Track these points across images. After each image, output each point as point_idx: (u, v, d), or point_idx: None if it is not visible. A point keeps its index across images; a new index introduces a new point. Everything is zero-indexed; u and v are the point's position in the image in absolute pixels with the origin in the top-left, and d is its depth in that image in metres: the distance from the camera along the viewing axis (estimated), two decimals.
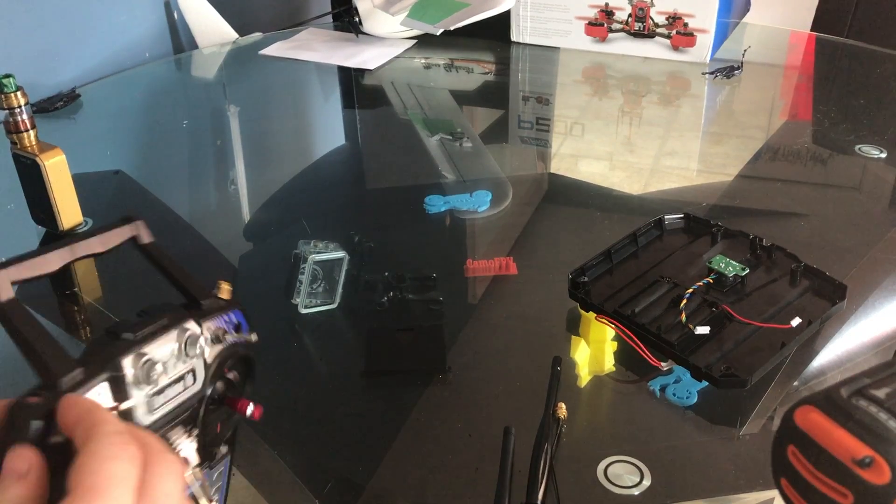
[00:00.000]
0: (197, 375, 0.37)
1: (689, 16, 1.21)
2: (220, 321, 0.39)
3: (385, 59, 1.27)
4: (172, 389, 0.36)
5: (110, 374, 0.33)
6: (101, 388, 0.33)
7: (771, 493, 0.51)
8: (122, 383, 0.34)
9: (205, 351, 0.38)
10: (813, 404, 0.33)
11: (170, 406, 0.36)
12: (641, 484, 0.52)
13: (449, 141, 1.02)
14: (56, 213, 0.78)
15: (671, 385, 0.59)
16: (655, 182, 0.94)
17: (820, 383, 0.61)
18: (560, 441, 0.55)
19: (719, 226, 0.71)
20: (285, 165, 1.02)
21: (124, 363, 0.34)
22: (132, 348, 0.34)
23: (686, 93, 1.20)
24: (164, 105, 1.21)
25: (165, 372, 0.36)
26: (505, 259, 0.75)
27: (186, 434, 0.37)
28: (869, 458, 0.31)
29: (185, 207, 0.92)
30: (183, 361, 0.37)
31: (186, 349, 0.36)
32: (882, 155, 0.95)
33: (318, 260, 0.68)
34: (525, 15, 1.31)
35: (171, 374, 0.36)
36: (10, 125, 0.75)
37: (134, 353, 0.34)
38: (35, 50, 1.14)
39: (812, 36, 1.42)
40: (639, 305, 0.62)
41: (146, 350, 0.35)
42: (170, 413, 0.36)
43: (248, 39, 1.39)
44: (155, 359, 0.35)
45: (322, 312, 0.69)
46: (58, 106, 1.11)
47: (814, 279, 0.65)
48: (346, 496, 0.53)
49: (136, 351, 0.34)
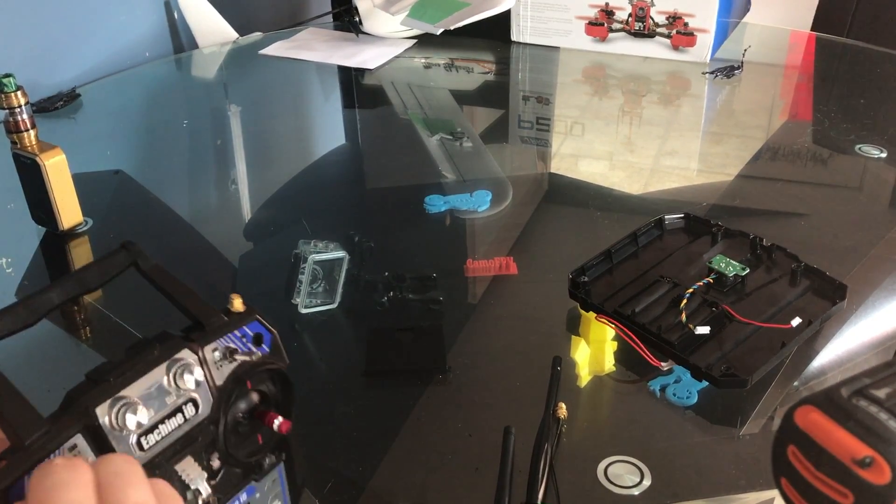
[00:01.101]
0: (201, 403, 0.36)
1: (689, 15, 1.21)
2: (231, 339, 0.38)
3: (385, 59, 1.27)
4: (167, 424, 0.35)
5: (84, 424, 0.32)
6: (76, 440, 0.32)
7: (771, 493, 0.51)
8: (100, 432, 0.33)
9: (210, 375, 0.36)
10: (813, 404, 0.33)
11: (168, 440, 0.35)
12: (641, 484, 0.52)
13: (449, 141, 1.02)
14: (56, 213, 0.78)
15: (671, 385, 0.59)
16: (655, 182, 0.94)
17: (820, 383, 0.61)
18: (560, 441, 0.55)
19: (719, 226, 0.71)
20: (285, 165, 1.02)
21: (98, 411, 0.33)
22: (108, 393, 0.33)
23: (686, 93, 1.20)
24: (164, 105, 1.21)
25: (152, 410, 0.34)
26: (505, 259, 0.75)
27: (199, 462, 0.36)
28: (869, 458, 0.31)
29: (185, 207, 0.92)
30: (176, 394, 0.35)
31: (176, 381, 0.35)
32: (882, 155, 0.95)
33: (318, 260, 0.68)
34: (525, 15, 1.31)
35: (162, 410, 0.35)
36: (10, 125, 0.75)
37: (110, 399, 0.33)
38: (35, 50, 1.14)
39: (812, 36, 1.42)
40: (639, 305, 0.62)
41: (125, 393, 0.33)
42: (171, 447, 0.35)
43: (248, 39, 1.39)
44: (134, 400, 0.34)
45: (322, 312, 0.69)
46: (58, 106, 1.11)
47: (814, 279, 0.65)
48: (346, 496, 0.53)
49: (113, 395, 0.33)
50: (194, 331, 0.37)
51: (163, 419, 0.35)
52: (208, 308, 0.38)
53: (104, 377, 0.34)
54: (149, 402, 0.34)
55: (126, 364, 0.34)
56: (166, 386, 0.35)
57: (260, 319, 0.39)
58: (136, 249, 0.39)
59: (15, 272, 0.77)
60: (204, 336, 0.37)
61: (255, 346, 0.39)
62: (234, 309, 0.39)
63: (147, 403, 0.34)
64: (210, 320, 0.38)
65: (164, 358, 0.35)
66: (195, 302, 0.38)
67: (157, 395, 0.35)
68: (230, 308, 0.39)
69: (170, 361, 0.35)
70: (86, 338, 0.70)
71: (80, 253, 0.80)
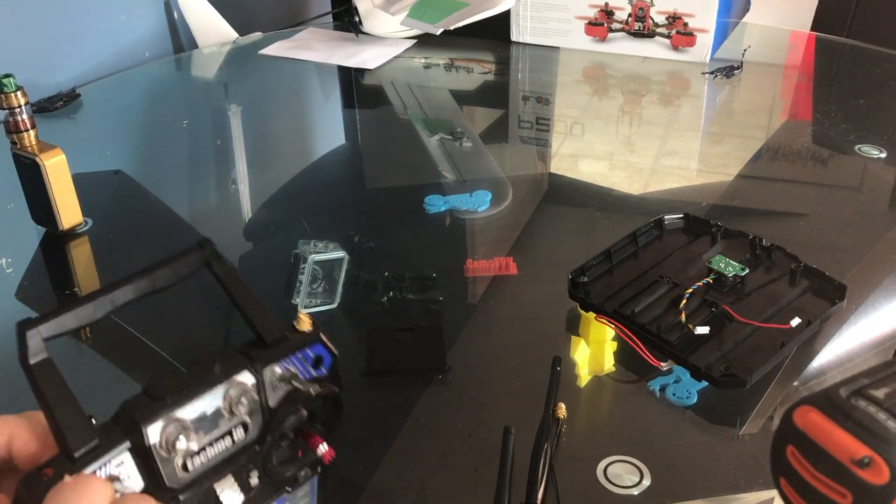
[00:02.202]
0: (251, 426, 0.35)
1: (689, 15, 1.21)
2: (292, 360, 0.36)
3: (385, 59, 1.27)
4: (215, 447, 0.34)
5: (132, 442, 0.32)
6: (122, 457, 0.32)
7: (770, 493, 0.51)
8: (148, 452, 0.32)
9: (265, 396, 0.35)
10: (812, 404, 0.33)
11: (213, 462, 0.34)
12: (641, 484, 0.52)
13: (449, 141, 1.02)
14: (56, 213, 0.78)
15: (671, 385, 0.59)
16: (655, 182, 0.94)
17: (819, 383, 0.61)
18: (560, 441, 0.55)
19: (719, 226, 0.71)
20: (285, 165, 1.02)
21: (150, 430, 0.32)
22: (163, 412, 0.32)
23: (686, 93, 1.20)
24: (164, 105, 1.21)
25: (202, 432, 0.33)
26: (505, 259, 0.75)
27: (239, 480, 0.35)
28: (868, 458, 0.31)
29: (185, 207, 0.92)
30: (229, 419, 0.34)
31: (232, 407, 0.34)
32: (882, 155, 0.95)
33: (318, 260, 0.68)
34: (525, 15, 1.31)
35: (212, 433, 0.34)
36: (10, 125, 0.75)
37: (163, 419, 0.32)
38: (35, 50, 1.14)
39: (812, 36, 1.42)
40: (639, 305, 0.62)
41: (179, 415, 0.33)
42: (214, 468, 0.34)
43: (248, 39, 1.39)
44: (187, 424, 0.33)
45: (322, 312, 0.69)
46: (58, 106, 1.11)
47: (813, 279, 0.65)
48: (346, 496, 0.53)
49: (168, 415, 0.32)
50: (255, 347, 0.36)
51: (212, 442, 0.34)
52: (274, 323, 0.37)
53: (161, 394, 0.33)
54: (201, 424, 0.34)
55: (184, 382, 0.33)
56: (222, 411, 0.34)
57: (324, 341, 0.38)
58: (211, 249, 0.37)
59: (15, 272, 0.77)
60: (265, 356, 0.36)
61: (314, 368, 0.38)
62: (300, 328, 0.37)
63: (199, 426, 0.33)
64: (274, 338, 0.36)
65: (224, 378, 0.34)
66: (262, 315, 0.37)
67: (211, 419, 0.34)
68: (296, 325, 0.37)
69: (229, 383, 0.34)
70: (85, 338, 0.70)
71: (79, 253, 0.80)
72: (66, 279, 0.77)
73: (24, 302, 0.72)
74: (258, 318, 0.37)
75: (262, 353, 0.36)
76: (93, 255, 0.80)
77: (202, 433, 0.34)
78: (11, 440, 0.33)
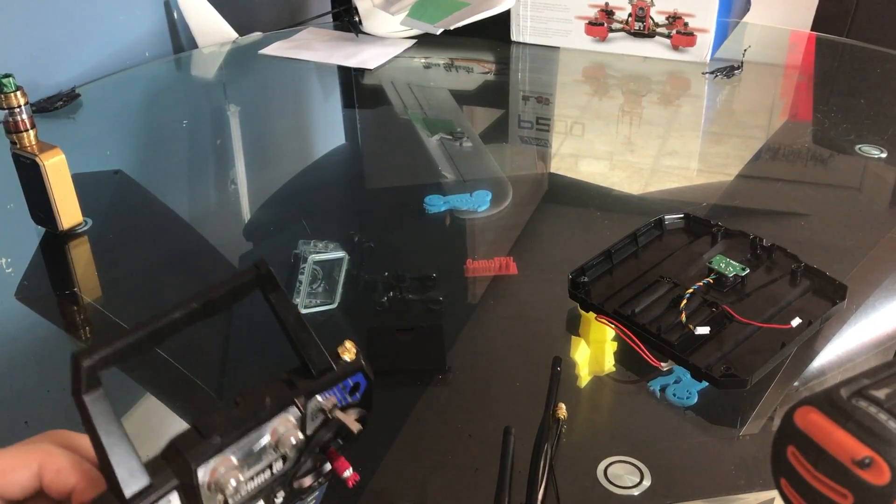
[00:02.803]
0: (289, 456, 0.35)
1: (689, 15, 1.21)
2: (335, 391, 0.37)
3: (385, 59, 1.27)
4: (255, 480, 0.34)
5: (182, 481, 0.32)
6: (170, 497, 0.32)
7: (771, 493, 0.51)
8: (195, 492, 0.32)
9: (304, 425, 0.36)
10: (813, 405, 0.33)
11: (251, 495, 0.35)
12: (641, 484, 0.52)
13: (449, 141, 1.02)
14: (56, 213, 0.78)
15: (671, 385, 0.59)
16: (655, 182, 0.94)
17: (820, 383, 0.61)
18: (560, 441, 0.55)
19: (719, 226, 0.71)
20: (285, 165, 1.02)
21: (200, 471, 0.32)
22: (212, 452, 0.32)
23: (686, 92, 1.20)
24: (164, 105, 1.21)
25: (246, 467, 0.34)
26: (505, 259, 0.75)
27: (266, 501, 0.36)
28: (868, 458, 0.31)
29: (185, 207, 0.92)
30: (272, 454, 0.35)
31: (278, 446, 0.34)
32: (882, 155, 0.95)
33: (317, 260, 0.68)
34: (525, 15, 1.31)
35: (255, 467, 0.34)
36: (10, 125, 0.75)
37: (214, 460, 0.32)
38: (35, 50, 1.14)
39: (812, 36, 1.42)
40: (639, 305, 0.62)
41: (230, 455, 0.33)
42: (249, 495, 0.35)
43: (248, 39, 1.39)
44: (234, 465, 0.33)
45: (322, 312, 0.69)
46: (58, 106, 1.11)
47: (814, 279, 0.65)
48: (346, 496, 0.53)
49: (217, 455, 0.32)
50: (300, 376, 0.36)
51: (253, 476, 0.34)
52: (320, 352, 0.37)
53: (211, 432, 0.33)
54: (247, 461, 0.34)
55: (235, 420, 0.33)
56: (267, 447, 0.35)
57: (364, 370, 0.38)
58: (266, 272, 0.37)
59: (15, 272, 0.77)
60: (311, 387, 0.36)
61: (350, 395, 0.38)
62: (343, 356, 0.37)
63: (245, 462, 0.34)
64: (320, 369, 0.36)
65: (272, 415, 0.34)
66: (310, 344, 0.37)
67: (256, 455, 0.34)
68: (340, 354, 0.37)
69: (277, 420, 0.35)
70: (85, 338, 0.70)
71: (79, 253, 0.80)
72: (66, 279, 0.77)
73: (24, 302, 0.72)
74: (306, 346, 0.37)
75: (307, 383, 0.36)
76: (93, 255, 0.80)
77: (246, 468, 0.34)
78: (43, 469, 0.33)
